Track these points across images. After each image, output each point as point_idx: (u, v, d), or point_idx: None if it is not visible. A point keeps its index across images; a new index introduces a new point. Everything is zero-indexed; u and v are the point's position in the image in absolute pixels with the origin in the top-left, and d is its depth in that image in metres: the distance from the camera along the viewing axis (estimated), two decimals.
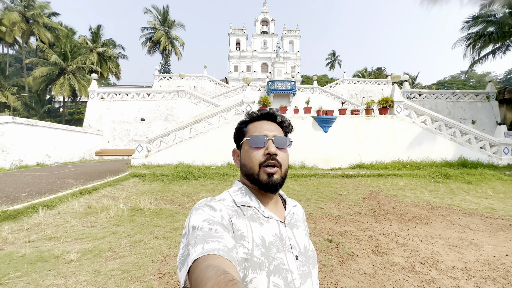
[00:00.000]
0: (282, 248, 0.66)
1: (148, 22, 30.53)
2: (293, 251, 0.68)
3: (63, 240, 3.17)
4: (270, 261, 0.62)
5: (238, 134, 0.82)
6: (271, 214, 0.72)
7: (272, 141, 0.74)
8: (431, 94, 16.96)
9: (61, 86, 22.96)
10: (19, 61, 40.33)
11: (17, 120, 9.79)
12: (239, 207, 0.69)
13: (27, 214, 4.04)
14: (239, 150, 0.81)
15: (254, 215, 0.69)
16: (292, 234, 0.72)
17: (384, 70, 37.99)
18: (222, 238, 0.57)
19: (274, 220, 0.71)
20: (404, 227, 3.81)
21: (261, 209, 0.71)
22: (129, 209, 4.54)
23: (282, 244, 0.67)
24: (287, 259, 0.65)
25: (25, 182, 6.04)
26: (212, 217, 0.61)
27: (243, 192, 0.74)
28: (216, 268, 0.47)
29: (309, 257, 0.72)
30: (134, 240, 3.22)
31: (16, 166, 9.64)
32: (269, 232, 0.67)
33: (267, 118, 0.80)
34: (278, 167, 0.72)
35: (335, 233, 3.58)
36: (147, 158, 9.67)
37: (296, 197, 5.70)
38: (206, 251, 0.52)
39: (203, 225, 0.59)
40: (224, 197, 0.72)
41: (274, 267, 0.62)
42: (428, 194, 5.99)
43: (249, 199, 0.72)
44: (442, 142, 9.89)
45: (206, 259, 0.50)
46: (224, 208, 0.66)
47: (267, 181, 0.71)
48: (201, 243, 0.54)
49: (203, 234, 0.56)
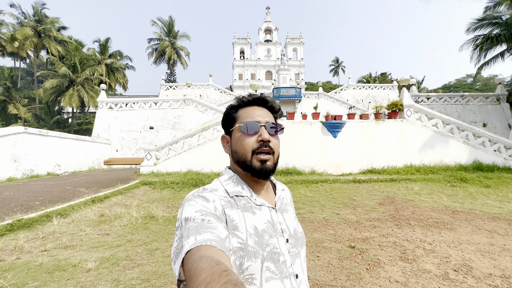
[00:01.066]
0: (274, 234, 0.67)
1: (154, 33, 31.27)
2: (284, 235, 0.70)
3: (79, 248, 3.11)
4: (263, 248, 0.63)
5: (227, 119, 0.79)
6: (263, 201, 0.72)
7: (265, 128, 0.73)
8: (439, 97, 16.76)
9: (70, 97, 23.45)
10: (30, 74, 41.54)
11: (29, 130, 9.95)
12: (232, 198, 0.69)
13: (41, 222, 4.01)
14: (229, 136, 0.78)
15: (247, 205, 0.69)
16: (283, 218, 0.73)
17: (388, 75, 37.91)
18: (215, 228, 0.57)
19: (266, 207, 0.72)
20: (428, 233, 3.65)
21: (253, 197, 0.71)
22: (142, 216, 4.48)
23: (274, 229, 0.68)
24: (279, 243, 0.67)
25: (37, 191, 6.06)
26: (204, 207, 0.61)
27: (235, 181, 0.73)
28: (209, 259, 0.47)
29: (298, 238, 0.73)
30: (150, 248, 3.14)
31: (28, 175, 9.73)
32: (262, 219, 0.68)
33: (257, 104, 0.78)
34: (271, 154, 0.72)
35: (356, 239, 3.44)
36: (156, 166, 9.66)
37: (310, 203, 5.58)
38: (199, 242, 0.52)
39: (196, 216, 0.58)
40: (216, 187, 0.71)
41: (267, 253, 0.63)
42: (447, 198, 5.79)
43: (241, 188, 0.72)
44: (455, 145, 9.67)
45: (199, 250, 0.50)
46: (217, 199, 0.65)
47: (260, 167, 0.70)
48: (193, 234, 0.54)
49: (195, 225, 0.56)
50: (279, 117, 0.82)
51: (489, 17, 15.05)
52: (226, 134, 0.80)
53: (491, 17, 15.04)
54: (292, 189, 7.04)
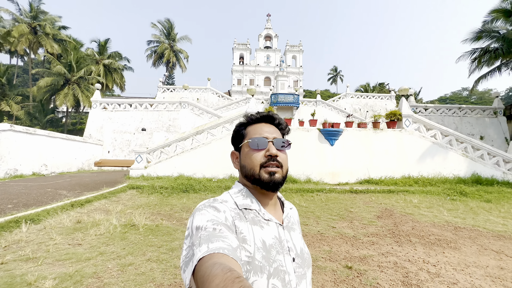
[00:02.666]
0: (281, 251, 0.67)
1: (153, 35, 31.17)
2: (291, 253, 0.70)
3: (42, 261, 2.75)
4: (270, 263, 0.62)
5: (237, 136, 0.82)
6: (271, 216, 0.73)
7: (273, 143, 0.75)
8: (437, 109, 16.72)
9: (65, 96, 23.07)
10: (27, 71, 41.03)
11: (15, 128, 9.56)
12: (241, 210, 0.69)
13: (8, 229, 3.63)
14: (238, 152, 0.81)
15: (255, 218, 0.69)
16: (290, 236, 0.74)
17: (386, 85, 38.20)
18: (226, 237, 0.56)
19: (274, 223, 0.72)
20: (431, 252, 3.36)
21: (261, 211, 0.72)
22: (122, 224, 4.13)
23: (281, 246, 0.68)
24: (285, 261, 0.66)
25: (14, 193, 5.66)
26: (216, 217, 0.61)
27: (244, 194, 0.74)
28: (222, 265, 0.47)
29: (304, 259, 0.73)
30: (123, 263, 2.80)
31: (11, 175, 9.29)
32: (269, 235, 0.68)
33: (265, 121, 0.81)
34: (279, 167, 0.73)
35: (353, 258, 3.13)
36: (146, 169, 9.29)
37: (304, 214, 5.27)
38: (211, 250, 0.52)
39: (207, 225, 0.58)
40: (226, 199, 0.71)
41: (274, 269, 0.62)
42: (447, 213, 5.53)
43: (250, 201, 0.73)
44: (454, 157, 9.48)
45: (211, 257, 0.50)
46: (227, 210, 0.66)
47: (269, 179, 0.71)
48: (205, 243, 0.54)
49: (207, 234, 0.56)
50: (286, 133, 0.84)
51: (488, 30, 15.15)
52: (235, 151, 0.82)
53: (489, 31, 15.14)
54: (286, 198, 6.70)
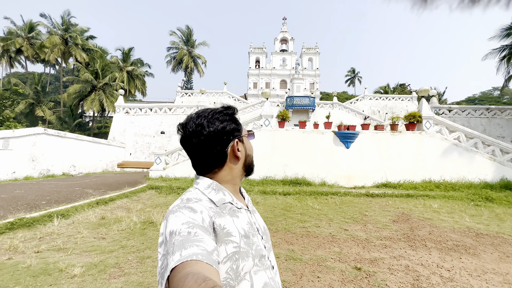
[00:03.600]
0: (254, 233, 0.71)
1: (172, 42, 32.40)
2: (259, 232, 0.75)
3: (71, 252, 3.03)
4: (251, 247, 0.66)
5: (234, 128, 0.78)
6: (241, 204, 0.76)
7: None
8: (462, 110, 15.87)
9: (92, 101, 24.59)
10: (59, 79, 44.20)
11: (48, 132, 10.39)
12: (218, 206, 0.69)
13: (42, 222, 4.02)
14: (241, 142, 0.79)
15: (232, 209, 0.71)
16: (255, 218, 0.80)
17: (407, 86, 36.75)
18: (201, 241, 0.55)
19: (244, 209, 0.76)
20: (447, 257, 3.26)
21: (234, 201, 0.74)
22: (142, 222, 4.40)
23: (253, 229, 0.72)
24: (258, 240, 0.71)
25: (47, 191, 6.19)
26: (192, 219, 0.59)
27: (215, 188, 0.73)
28: (195, 276, 0.45)
29: (267, 234, 0.81)
30: (142, 256, 3.01)
31: (44, 175, 10.09)
32: (244, 221, 0.71)
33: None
34: None
35: (363, 260, 3.13)
36: (164, 170, 9.70)
37: (317, 216, 5.27)
38: (184, 258, 0.50)
39: (182, 228, 0.56)
40: (199, 197, 0.69)
41: (255, 250, 0.67)
42: (470, 219, 5.27)
43: (223, 194, 0.73)
44: (479, 161, 8.97)
45: (184, 267, 0.48)
46: (204, 209, 0.64)
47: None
48: (179, 250, 0.52)
49: (181, 239, 0.54)
50: None
51: None
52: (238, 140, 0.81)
53: None
54: (300, 201, 6.76)
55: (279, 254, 3.22)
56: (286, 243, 3.69)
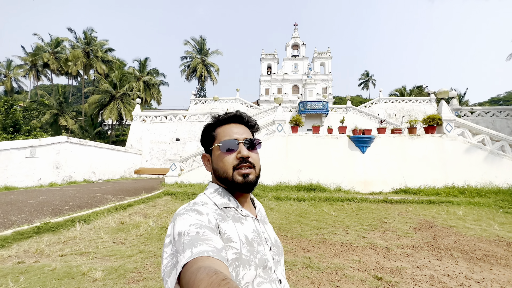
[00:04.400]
0: (260, 242, 0.70)
1: (186, 52, 33.38)
2: (267, 243, 0.74)
3: (93, 256, 3.13)
4: (255, 255, 0.65)
5: (206, 139, 0.81)
6: (247, 212, 0.75)
7: (243, 144, 0.75)
8: (485, 111, 15.09)
9: (111, 110, 25.69)
10: (81, 90, 46.61)
11: (71, 140, 10.93)
12: (221, 210, 0.70)
13: (66, 227, 4.19)
14: (209, 155, 0.80)
15: (235, 215, 0.71)
16: (264, 228, 0.78)
17: (425, 88, 35.55)
18: (210, 239, 0.56)
19: (250, 217, 0.75)
20: (476, 268, 3.06)
21: (239, 208, 0.74)
22: (158, 227, 4.48)
23: (260, 238, 0.71)
24: (265, 250, 0.70)
25: (70, 196, 6.47)
26: (199, 221, 0.61)
27: (220, 193, 0.75)
28: (207, 269, 0.46)
29: (279, 248, 0.78)
30: (159, 261, 3.05)
31: (67, 181, 10.57)
32: (249, 229, 0.70)
33: (234, 121, 0.80)
34: (252, 168, 0.74)
35: (384, 269, 3.00)
36: (180, 177, 9.87)
37: (333, 223, 5.14)
38: (195, 254, 0.51)
39: (190, 229, 0.58)
40: (205, 200, 0.72)
41: (259, 260, 0.65)
42: (499, 227, 4.94)
43: (228, 199, 0.74)
44: (508, 165, 8.45)
45: (196, 262, 0.50)
46: (210, 212, 0.66)
47: (243, 181, 0.72)
48: (189, 248, 0.53)
49: (190, 239, 0.56)
50: (256, 131, 0.84)
51: None
52: (206, 153, 0.82)
53: None
54: (315, 207, 6.63)
55: (295, 262, 3.16)
56: (302, 250, 3.62)
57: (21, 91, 38.06)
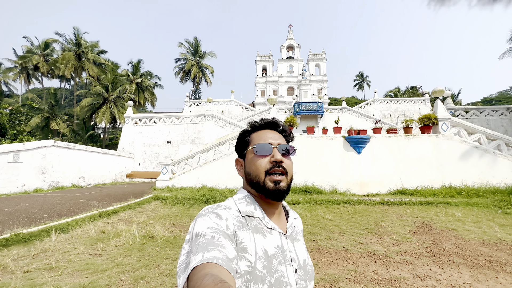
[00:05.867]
0: (283, 261, 0.66)
1: (180, 54, 33.08)
2: (293, 264, 0.68)
3: (62, 271, 2.83)
4: (271, 274, 0.62)
5: (241, 143, 0.81)
6: (274, 225, 0.71)
7: (277, 149, 0.74)
8: (480, 111, 15.09)
9: (103, 114, 25.20)
10: (73, 93, 45.92)
11: (58, 144, 10.53)
12: (243, 217, 0.68)
13: (39, 237, 3.87)
14: (242, 159, 0.80)
15: (258, 226, 0.69)
16: (293, 246, 0.72)
17: (419, 88, 35.79)
18: (223, 247, 0.56)
19: (277, 232, 0.71)
20: (480, 276, 2.84)
21: (264, 219, 0.71)
22: (142, 236, 4.18)
23: (283, 256, 0.67)
24: (287, 272, 0.65)
25: (51, 203, 6.12)
26: (217, 225, 0.61)
27: (248, 200, 0.74)
28: (213, 277, 0.46)
29: (307, 271, 0.72)
30: (136, 276, 2.77)
31: (53, 187, 10.16)
32: (272, 244, 0.67)
33: (269, 127, 0.81)
34: (284, 175, 0.72)
35: (383, 280, 2.76)
36: (171, 180, 9.56)
37: (328, 228, 4.90)
38: (205, 259, 0.52)
39: (207, 232, 0.58)
40: (229, 205, 0.71)
41: (275, 280, 0.61)
42: (500, 229, 4.75)
43: (254, 208, 0.72)
44: (504, 164, 8.33)
45: (204, 267, 0.50)
46: (230, 217, 0.65)
47: (274, 188, 0.70)
48: (202, 251, 0.54)
49: (205, 242, 0.56)
50: (291, 140, 0.83)
51: None
52: (240, 158, 0.82)
53: None
54: (309, 210, 6.39)
55: None
56: None
57: (11, 94, 37.27)
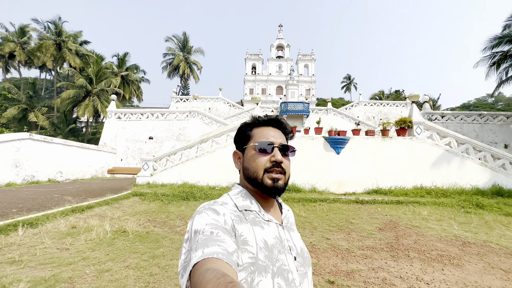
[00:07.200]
0: (282, 250, 0.67)
1: (168, 48, 32.50)
2: (292, 252, 0.70)
3: (25, 265, 2.82)
4: (273, 263, 0.63)
5: (241, 136, 0.81)
6: (270, 217, 0.73)
7: (279, 149, 0.75)
8: (455, 115, 15.88)
9: (86, 107, 24.40)
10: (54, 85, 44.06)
11: (34, 137, 10.17)
12: (241, 212, 0.69)
13: (6, 232, 3.79)
14: (241, 153, 0.81)
15: (256, 219, 0.70)
16: (290, 236, 0.74)
17: (402, 92, 37.06)
18: (223, 242, 0.57)
19: (274, 223, 0.73)
20: (429, 269, 3.09)
21: (261, 212, 0.72)
22: (114, 231, 4.18)
23: (282, 245, 0.68)
24: (287, 260, 0.67)
25: (22, 198, 5.95)
26: (215, 221, 0.61)
27: (244, 195, 0.75)
28: (215, 271, 0.47)
29: (305, 258, 0.74)
30: (101, 269, 2.80)
31: (28, 181, 9.82)
32: (270, 234, 0.68)
33: (272, 125, 0.81)
34: (283, 174, 0.74)
35: (339, 272, 2.94)
36: (152, 176, 9.48)
37: (301, 224, 5.08)
38: (206, 255, 0.52)
39: (205, 228, 0.59)
40: (226, 201, 0.72)
41: (278, 268, 0.63)
42: (458, 226, 5.11)
43: (250, 202, 0.73)
44: (471, 167, 8.86)
45: (205, 263, 0.51)
46: (227, 212, 0.66)
47: (272, 185, 0.72)
48: (201, 247, 0.55)
49: (204, 238, 0.57)
50: (290, 139, 0.85)
51: (509, 35, 14.37)
52: (238, 150, 0.82)
53: (510, 36, 14.35)
54: None
55: None
56: None
57: None
